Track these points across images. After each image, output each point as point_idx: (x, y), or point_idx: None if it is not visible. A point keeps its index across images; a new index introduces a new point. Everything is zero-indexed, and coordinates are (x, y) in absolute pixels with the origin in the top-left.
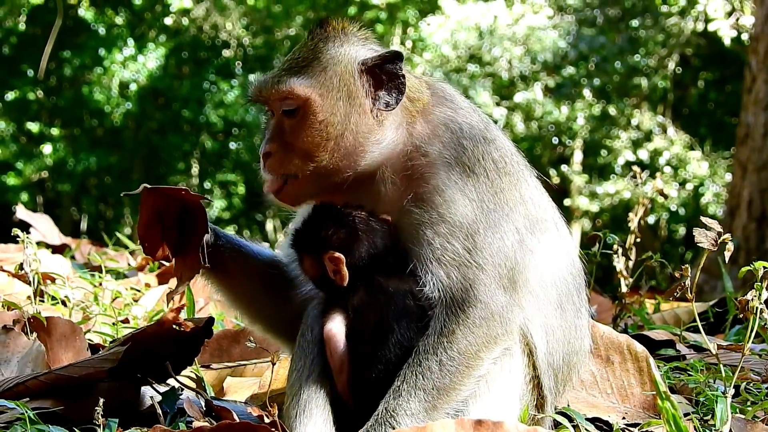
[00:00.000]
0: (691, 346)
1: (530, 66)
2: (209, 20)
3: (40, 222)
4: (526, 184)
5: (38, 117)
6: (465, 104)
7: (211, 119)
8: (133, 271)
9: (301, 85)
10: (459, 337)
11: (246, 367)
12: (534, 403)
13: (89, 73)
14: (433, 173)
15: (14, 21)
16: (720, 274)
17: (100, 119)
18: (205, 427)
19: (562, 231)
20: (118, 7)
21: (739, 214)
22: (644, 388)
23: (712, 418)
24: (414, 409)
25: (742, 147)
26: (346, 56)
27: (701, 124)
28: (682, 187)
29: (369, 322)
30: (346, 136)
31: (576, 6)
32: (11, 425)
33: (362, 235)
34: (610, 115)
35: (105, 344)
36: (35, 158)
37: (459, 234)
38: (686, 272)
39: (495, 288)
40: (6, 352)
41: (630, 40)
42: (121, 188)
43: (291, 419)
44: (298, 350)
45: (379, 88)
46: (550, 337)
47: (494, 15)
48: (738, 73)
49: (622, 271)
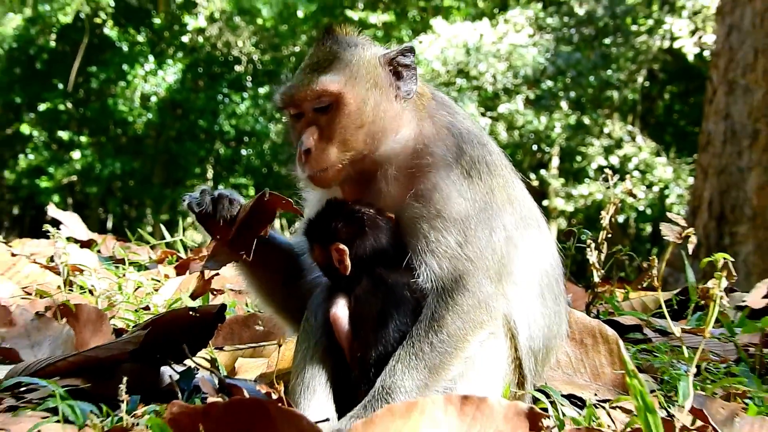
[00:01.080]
0: (656, 331)
1: (513, 80)
2: (222, 38)
3: (69, 219)
4: (513, 186)
5: (68, 126)
6: (460, 111)
7: (224, 128)
8: (154, 264)
9: (332, 81)
10: (448, 322)
11: (255, 349)
12: (515, 382)
13: (114, 86)
14: (435, 172)
15: (46, 39)
16: (683, 268)
17: (123, 128)
18: (218, 402)
19: (543, 228)
20: (140, 26)
21: (701, 213)
22: (614, 367)
23: (676, 394)
24: (408, 386)
25: (704, 153)
26: (365, 51)
27: (667, 133)
28: (649, 189)
29: (369, 310)
30: (377, 122)
31: (554, 26)
32: (44, 401)
33: (368, 231)
34: (584, 124)
35: (128, 329)
36: (65, 163)
37: (453, 229)
38: (653, 263)
39: (482, 278)
40: (39, 335)
41: (603, 57)
42: (143, 191)
43: (296, 395)
44: (303, 333)
45: (399, 78)
46: (532, 322)
47: (480, 34)
48: (700, 87)
49: (595, 264)
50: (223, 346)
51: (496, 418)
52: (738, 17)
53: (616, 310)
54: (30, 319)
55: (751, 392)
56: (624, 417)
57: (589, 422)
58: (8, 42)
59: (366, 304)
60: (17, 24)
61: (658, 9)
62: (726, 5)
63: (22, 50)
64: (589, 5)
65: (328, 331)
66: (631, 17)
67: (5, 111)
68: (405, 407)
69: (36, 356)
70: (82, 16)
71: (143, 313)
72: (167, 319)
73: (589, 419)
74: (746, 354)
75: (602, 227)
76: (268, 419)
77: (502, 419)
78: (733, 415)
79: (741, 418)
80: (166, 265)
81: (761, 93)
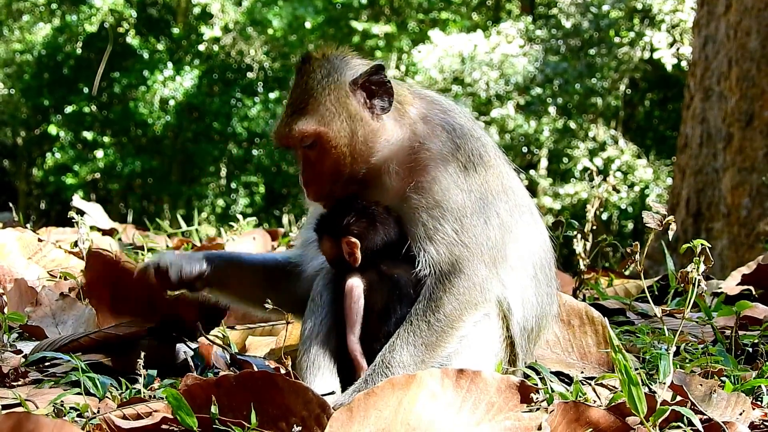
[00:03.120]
0: (638, 314)
1: (504, 87)
2: (236, 47)
3: (92, 209)
4: (506, 175)
5: (92, 127)
6: (453, 106)
7: (237, 130)
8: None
9: (308, 124)
10: (445, 303)
11: (264, 328)
12: (507, 360)
13: (135, 90)
14: (433, 166)
15: (72, 47)
16: (662, 260)
17: (143, 129)
18: (230, 375)
19: (536, 215)
20: (160, 35)
21: (679, 211)
22: (600, 347)
23: (657, 372)
24: (406, 361)
25: (682, 155)
26: (335, 82)
27: (647, 137)
28: (630, 189)
29: (375, 300)
30: (359, 147)
31: (543, 37)
32: (67, 374)
33: (378, 226)
34: (570, 128)
35: None
36: (89, 162)
37: (450, 217)
38: (636, 248)
39: (477, 263)
40: (63, 314)
41: (588, 66)
42: (161, 188)
43: (303, 370)
44: (309, 312)
45: (373, 97)
46: (525, 303)
47: (474, 44)
48: (678, 94)
49: (581, 253)
50: (235, 326)
51: (489, 390)
52: (713, 30)
53: (601, 295)
54: (55, 300)
55: (727, 371)
56: (608, 393)
57: (576, 397)
58: (38, 49)
59: (371, 295)
60: (46, 33)
61: (639, 23)
62: (702, 19)
63: (50, 57)
64: (576, 19)
65: (332, 310)
66: (614, 30)
67: (34, 113)
68: (404, 380)
69: (60, 333)
70: (107, 25)
71: None
72: (183, 300)
73: (576, 394)
74: (722, 336)
75: (587, 220)
76: (276, 390)
77: (495, 391)
78: (710, 391)
79: (718, 394)
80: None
81: (735, 99)
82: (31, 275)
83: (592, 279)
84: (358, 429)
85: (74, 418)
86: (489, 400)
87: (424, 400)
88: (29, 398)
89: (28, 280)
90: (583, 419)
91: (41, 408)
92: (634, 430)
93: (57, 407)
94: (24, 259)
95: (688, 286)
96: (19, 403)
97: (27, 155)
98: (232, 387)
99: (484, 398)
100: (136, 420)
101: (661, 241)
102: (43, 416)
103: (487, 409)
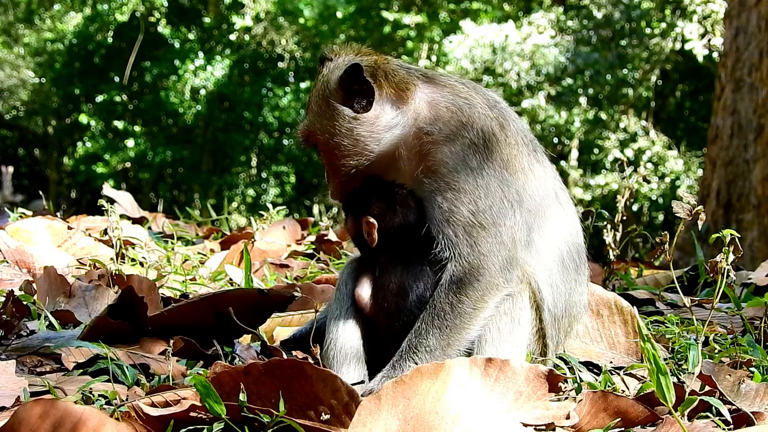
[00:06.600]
0: (668, 304)
1: (535, 77)
2: (267, 37)
3: (122, 198)
4: (527, 156)
5: (123, 116)
6: (464, 87)
7: (268, 120)
8: (200, 239)
9: (304, 126)
10: (466, 284)
11: (293, 318)
12: (538, 351)
13: (166, 80)
14: (437, 149)
15: (104, 36)
16: (692, 252)
17: (174, 119)
18: (258, 362)
19: (563, 199)
20: (191, 25)
21: (709, 202)
22: (629, 337)
23: (686, 363)
24: (432, 345)
25: (712, 146)
26: (326, 83)
27: (678, 128)
28: (661, 180)
29: (392, 280)
30: (349, 143)
31: (574, 28)
32: (95, 362)
33: (398, 209)
34: (601, 119)
35: (175, 297)
36: (120, 151)
37: (464, 199)
38: (665, 238)
39: (497, 244)
40: (95, 302)
41: (619, 57)
42: (191, 177)
43: (329, 359)
44: (335, 302)
45: (353, 96)
46: (554, 290)
47: (506, 35)
48: (709, 85)
49: (611, 243)
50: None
51: (517, 379)
52: (744, 21)
53: (630, 285)
54: (86, 288)
55: (756, 361)
56: (637, 383)
57: (605, 386)
58: (69, 38)
59: (388, 275)
60: (77, 22)
61: (671, 13)
62: (733, 10)
63: (81, 46)
64: (607, 9)
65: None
66: (646, 21)
67: (65, 102)
68: (433, 368)
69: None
70: (138, 14)
71: (190, 283)
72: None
73: (605, 384)
74: (752, 326)
75: (617, 210)
76: (304, 378)
77: (524, 380)
78: (739, 381)
79: (746, 385)
80: (211, 240)
81: (766, 90)
82: (60, 263)
83: (621, 269)
84: (387, 417)
85: (102, 405)
86: (517, 389)
87: (452, 388)
88: (57, 385)
89: (57, 268)
90: (611, 408)
91: (70, 395)
92: (663, 420)
93: (86, 395)
94: (54, 247)
95: (717, 276)
96: (47, 390)
97: (58, 144)
98: (260, 375)
99: (512, 387)
100: (164, 407)
101: (691, 231)
102: (72, 403)
103: (515, 397)
